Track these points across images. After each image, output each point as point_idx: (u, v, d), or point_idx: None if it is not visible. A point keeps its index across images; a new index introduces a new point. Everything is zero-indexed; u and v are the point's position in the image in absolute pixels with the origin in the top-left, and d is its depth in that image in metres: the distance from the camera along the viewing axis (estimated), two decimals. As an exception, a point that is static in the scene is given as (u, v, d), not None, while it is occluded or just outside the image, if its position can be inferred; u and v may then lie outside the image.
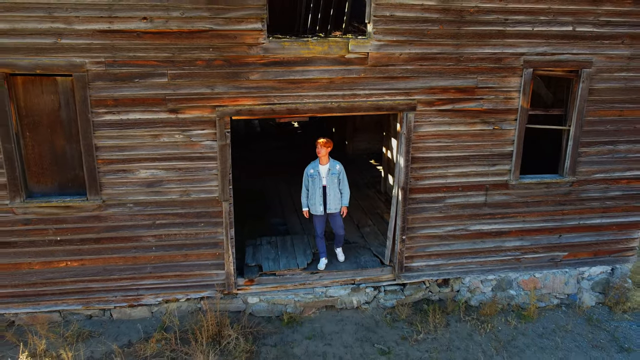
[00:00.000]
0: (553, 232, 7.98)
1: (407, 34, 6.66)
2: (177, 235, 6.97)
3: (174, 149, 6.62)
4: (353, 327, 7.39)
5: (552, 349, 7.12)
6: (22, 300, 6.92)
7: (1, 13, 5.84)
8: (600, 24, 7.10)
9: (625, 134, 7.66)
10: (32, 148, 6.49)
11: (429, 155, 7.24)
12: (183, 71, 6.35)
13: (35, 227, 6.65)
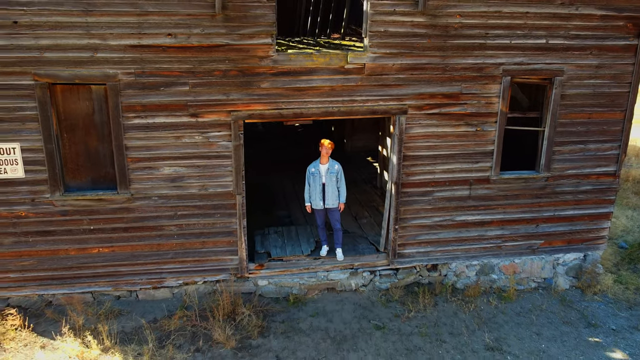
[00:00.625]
0: (530, 222, 8.91)
1: (399, 47, 7.56)
2: (196, 224, 7.88)
3: (194, 149, 7.52)
4: (351, 307, 8.31)
5: (528, 325, 8.06)
6: (59, 282, 7.83)
7: (46, 31, 6.72)
8: (570, 37, 8.01)
9: (594, 134, 8.58)
10: (69, 148, 7.38)
11: (419, 154, 8.16)
12: (202, 80, 7.25)
13: (72, 218, 7.56)
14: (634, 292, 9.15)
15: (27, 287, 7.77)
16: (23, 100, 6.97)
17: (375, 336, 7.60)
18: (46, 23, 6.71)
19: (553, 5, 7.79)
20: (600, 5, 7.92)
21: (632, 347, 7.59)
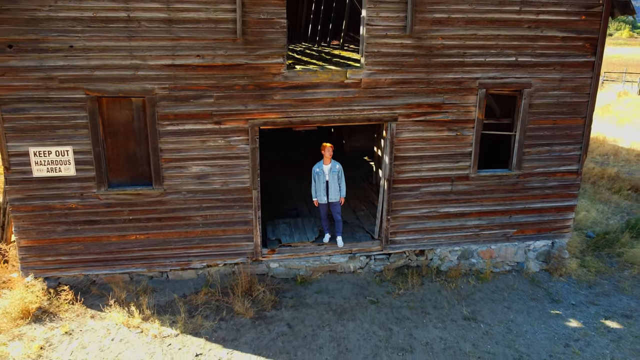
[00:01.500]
0: (505, 213, 10.31)
1: (390, 65, 8.96)
2: (218, 215, 9.26)
3: (217, 151, 8.90)
4: (350, 286, 9.71)
5: (500, 301, 9.47)
6: (102, 264, 9.21)
7: (96, 53, 8.10)
8: (536, 55, 9.41)
9: (558, 137, 9.98)
10: (112, 150, 8.76)
11: (408, 155, 9.55)
12: (225, 94, 8.63)
13: (114, 209, 8.94)
14: (595, 274, 10.56)
15: (75, 269, 9.16)
16: (76, 111, 8.34)
17: (370, 309, 9.00)
18: (96, 47, 8.08)
19: (521, 28, 9.19)
20: (562, 28, 9.32)
21: (586, 318, 9.00)
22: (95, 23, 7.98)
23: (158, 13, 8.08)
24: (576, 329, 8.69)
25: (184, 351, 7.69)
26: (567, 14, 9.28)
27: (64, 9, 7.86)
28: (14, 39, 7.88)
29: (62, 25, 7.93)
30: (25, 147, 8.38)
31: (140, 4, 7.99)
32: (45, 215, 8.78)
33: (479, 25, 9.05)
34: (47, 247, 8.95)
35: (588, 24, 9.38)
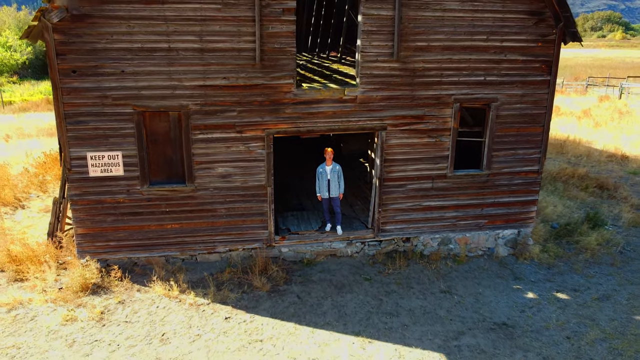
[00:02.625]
0: (477, 207, 12.29)
1: (380, 84, 10.92)
2: (238, 208, 11.20)
3: (238, 155, 10.85)
4: (348, 267, 11.67)
5: (472, 278, 11.44)
6: (143, 248, 11.14)
7: (143, 76, 10.04)
8: (502, 75, 11.39)
9: (521, 143, 11.96)
10: (153, 154, 10.69)
11: (395, 158, 11.51)
12: (245, 108, 10.58)
13: (154, 203, 10.87)
14: (554, 258, 12.54)
15: (121, 252, 11.09)
16: (125, 123, 10.27)
17: (365, 284, 10.96)
18: (143, 71, 10.02)
19: (488, 53, 11.17)
20: (522, 53, 11.30)
21: (541, 291, 10.98)
22: (142, 52, 9.92)
23: (193, 44, 10.02)
24: (532, 299, 10.67)
25: (215, 315, 9.64)
26: (527, 41, 11.27)
27: (118, 41, 9.80)
28: (77, 66, 9.81)
29: (116, 54, 9.86)
30: (83, 152, 10.31)
31: (179, 37, 9.93)
32: (98, 208, 10.71)
33: (454, 51, 11.01)
34: (99, 234, 10.89)
35: (544, 49, 11.37)
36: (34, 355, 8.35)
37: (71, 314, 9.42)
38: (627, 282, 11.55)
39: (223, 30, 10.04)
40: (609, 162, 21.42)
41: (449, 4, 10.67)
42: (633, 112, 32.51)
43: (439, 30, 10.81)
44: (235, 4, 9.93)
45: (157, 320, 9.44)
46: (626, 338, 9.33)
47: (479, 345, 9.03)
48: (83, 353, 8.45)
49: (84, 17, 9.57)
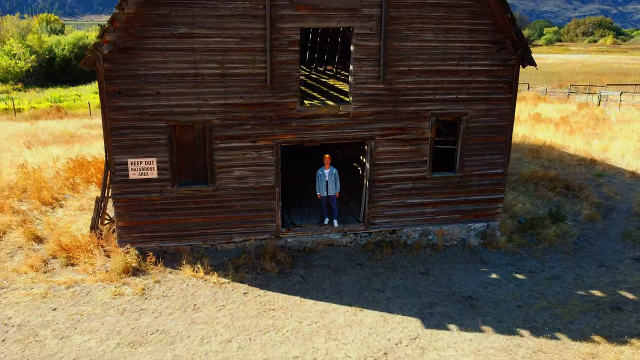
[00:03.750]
0: (452, 204, 14.55)
1: (369, 102, 13.19)
2: (252, 205, 13.43)
3: (252, 160, 13.08)
4: (343, 254, 13.90)
5: (447, 263, 13.69)
6: (172, 239, 13.34)
7: (174, 97, 12.27)
8: (471, 93, 13.68)
9: (488, 150, 14.24)
10: (181, 160, 12.90)
11: (382, 162, 13.77)
12: (258, 122, 12.82)
13: (182, 200, 13.08)
14: (518, 247, 14.81)
15: (154, 242, 13.29)
16: (159, 135, 12.50)
17: (357, 268, 13.21)
18: (174, 92, 12.26)
19: (459, 76, 13.46)
20: (487, 75, 13.60)
21: (503, 273, 13.26)
22: (175, 77, 12.17)
23: (215, 70, 12.27)
24: (495, 279, 12.94)
25: (235, 291, 11.86)
26: (491, 65, 13.57)
27: (154, 68, 12.04)
28: (121, 88, 12.04)
29: (153, 79, 12.10)
30: (125, 159, 12.53)
31: (204, 65, 12.18)
32: (136, 204, 12.92)
33: (430, 74, 13.30)
34: (136, 226, 13.09)
35: (505, 72, 13.68)
36: (94, 320, 10.56)
37: (118, 290, 11.64)
38: (575, 265, 13.84)
39: (240, 59, 12.30)
40: (579, 165, 23.73)
41: (425, 35, 12.97)
42: (609, 118, 34.92)
43: (417, 57, 13.10)
44: (251, 37, 12.19)
45: (188, 294, 11.66)
46: (566, 307, 11.61)
47: (448, 313, 11.29)
48: (133, 318, 10.66)
49: (128, 49, 11.81)
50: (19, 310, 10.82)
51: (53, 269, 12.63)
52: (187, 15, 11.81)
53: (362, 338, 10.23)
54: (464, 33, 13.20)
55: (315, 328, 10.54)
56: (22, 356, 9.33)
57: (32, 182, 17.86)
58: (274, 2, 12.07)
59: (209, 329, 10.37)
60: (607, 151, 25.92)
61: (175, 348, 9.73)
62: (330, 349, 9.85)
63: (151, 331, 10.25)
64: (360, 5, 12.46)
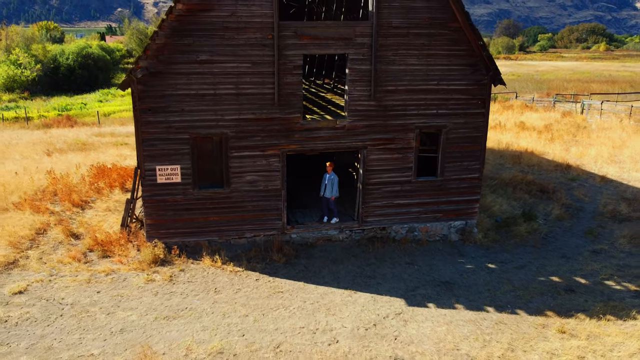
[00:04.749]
0: (435, 204, 16.74)
1: (362, 116, 15.39)
2: (261, 205, 15.58)
3: (261, 167, 15.24)
4: (340, 248, 16.06)
5: (429, 255, 15.85)
6: (193, 234, 15.48)
7: (196, 113, 14.45)
8: (450, 108, 15.89)
9: (465, 157, 16.45)
10: (201, 167, 15.06)
11: (374, 169, 15.96)
12: (267, 134, 15.00)
13: (201, 201, 15.23)
14: (492, 242, 16.98)
15: (177, 237, 15.42)
16: (183, 145, 14.66)
17: (352, 259, 15.37)
18: (196, 109, 14.43)
19: (439, 93, 15.68)
20: (464, 92, 15.82)
21: (477, 263, 15.44)
22: (197, 96, 14.34)
23: (231, 90, 14.45)
24: (470, 268, 15.12)
25: (248, 277, 14.00)
26: (467, 84, 15.79)
27: (180, 89, 14.21)
28: (152, 106, 14.21)
29: (178, 98, 14.28)
30: (154, 166, 14.68)
31: (222, 86, 14.36)
32: (162, 205, 15.06)
33: (414, 92, 15.51)
34: (161, 224, 15.23)
35: (479, 90, 15.90)
36: (133, 300, 12.69)
37: (150, 277, 13.77)
38: (541, 257, 16.04)
39: (252, 81, 14.49)
40: (555, 170, 25.94)
41: (410, 60, 15.19)
42: (589, 126, 37.22)
43: (403, 78, 15.32)
44: (261, 63, 14.39)
45: (209, 280, 13.80)
46: (527, 290, 13.80)
47: (427, 294, 13.46)
48: (165, 299, 12.80)
49: (158, 73, 14.00)
50: (69, 292, 12.95)
51: (92, 260, 14.75)
52: (207, 44, 14.01)
53: (355, 313, 12.38)
54: (443, 57, 15.42)
55: (316, 306, 12.69)
56: (79, 327, 11.45)
57: (62, 187, 19.99)
58: (281, 33, 14.29)
59: (228, 307, 12.51)
60: (582, 157, 28.17)
61: (203, 321, 11.87)
62: (330, 321, 11.99)
63: (181, 308, 12.38)
64: (354, 35, 14.69)
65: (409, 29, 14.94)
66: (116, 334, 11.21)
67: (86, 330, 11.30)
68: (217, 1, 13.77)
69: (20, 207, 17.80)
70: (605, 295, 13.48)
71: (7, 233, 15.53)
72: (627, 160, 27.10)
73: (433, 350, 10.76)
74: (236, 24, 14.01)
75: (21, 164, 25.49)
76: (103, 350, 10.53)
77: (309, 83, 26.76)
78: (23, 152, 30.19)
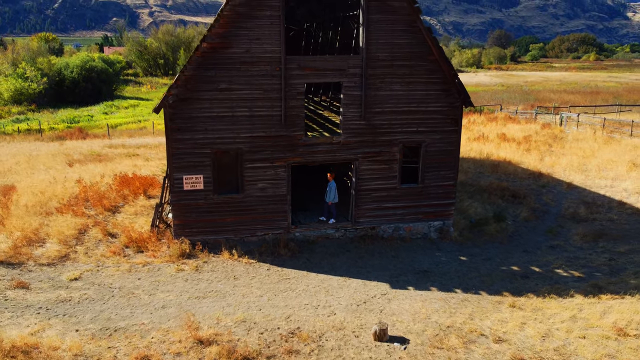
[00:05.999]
0: (416, 207, 19.74)
1: (354, 134, 18.41)
2: (270, 208, 18.53)
3: (270, 176, 18.22)
4: (336, 244, 19.02)
5: (412, 250, 18.81)
6: (212, 233, 18.40)
7: (217, 131, 17.43)
8: (428, 127, 18.95)
9: (442, 167, 19.48)
10: (220, 176, 18.02)
11: (365, 177, 18.96)
12: (275, 149, 18.00)
13: (220, 205, 18.18)
14: (466, 239, 19.98)
15: (199, 235, 18.33)
16: (205, 158, 17.62)
17: (347, 254, 18.32)
18: (217, 128, 17.42)
19: (419, 114, 18.73)
20: (440, 113, 18.88)
21: (451, 256, 18.42)
22: (217, 118, 17.34)
23: (245, 113, 17.46)
24: (444, 260, 18.11)
25: (261, 268, 16.93)
26: (442, 106, 18.85)
27: (204, 112, 17.21)
28: (180, 126, 17.20)
29: (202, 119, 17.27)
30: (181, 175, 17.64)
31: (238, 109, 17.36)
32: (187, 208, 17.99)
33: (398, 113, 18.56)
34: (187, 224, 18.16)
35: (453, 111, 18.97)
36: (168, 284, 15.59)
37: (180, 267, 16.69)
38: (506, 251, 19.05)
39: (263, 105, 17.51)
40: (529, 178, 29.00)
41: (394, 86, 18.26)
42: (566, 137, 40.38)
43: (388, 101, 18.37)
44: (270, 90, 17.42)
45: (228, 270, 16.72)
46: (491, 276, 16.78)
47: (408, 280, 16.43)
48: (194, 283, 15.71)
49: (186, 99, 17.01)
50: (115, 279, 15.85)
51: (129, 254, 17.66)
52: (226, 75, 17.03)
53: (349, 294, 15.33)
54: (421, 84, 18.49)
55: (318, 289, 15.64)
56: (128, 304, 14.35)
57: (92, 194, 22.90)
58: (287, 66, 17.33)
59: (246, 289, 15.44)
60: (554, 166, 31.26)
61: (227, 300, 14.79)
62: (329, 300, 14.93)
63: (208, 291, 15.30)
64: (348, 67, 17.76)
65: (393, 61, 18.01)
66: (159, 309, 14.11)
67: (135, 307, 14.20)
68: (235, 40, 16.81)
69: (61, 211, 20.70)
70: (553, 280, 16.49)
71: (56, 232, 18.44)
72: (593, 169, 30.19)
73: (410, 319, 13.71)
74: (250, 58, 17.05)
75: (49, 174, 28.37)
76: (151, 320, 13.43)
77: (308, 100, 29.81)
78: (45, 162, 33.05)
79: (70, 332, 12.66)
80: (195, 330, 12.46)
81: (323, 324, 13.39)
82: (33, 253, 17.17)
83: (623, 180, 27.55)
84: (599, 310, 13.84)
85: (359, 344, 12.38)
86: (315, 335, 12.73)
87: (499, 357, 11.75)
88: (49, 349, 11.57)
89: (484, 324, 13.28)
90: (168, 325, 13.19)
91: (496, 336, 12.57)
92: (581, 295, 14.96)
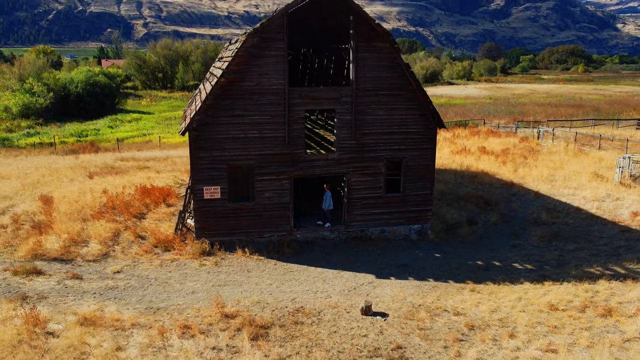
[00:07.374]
0: (399, 212, 23.33)
1: (346, 151, 22.04)
2: (275, 213, 22.07)
3: (276, 187, 21.79)
4: (332, 244, 22.55)
5: (395, 249, 22.39)
6: (227, 234, 21.90)
7: (232, 150, 21.02)
8: (408, 145, 22.61)
9: (420, 179, 23.11)
10: (234, 187, 21.56)
11: (355, 187, 22.56)
12: (280, 164, 21.59)
13: (234, 211, 21.71)
14: (441, 240, 23.56)
15: (217, 236, 21.83)
16: (222, 172, 21.17)
17: (340, 252, 21.87)
18: (232, 147, 21.00)
19: (400, 134, 22.38)
20: (418, 133, 22.54)
21: (427, 253, 21.99)
22: (232, 139, 20.92)
23: (256, 134, 21.05)
24: (421, 255, 21.69)
25: (269, 264, 20.45)
26: (419, 128, 22.52)
27: (221, 134, 20.78)
28: (202, 146, 20.77)
29: (220, 140, 20.84)
30: (202, 186, 21.17)
31: (250, 132, 20.96)
32: (207, 213, 21.51)
33: (383, 134, 22.20)
34: (206, 227, 21.67)
35: (428, 132, 22.64)
36: (194, 276, 19.08)
37: (202, 262, 20.19)
38: (474, 250, 22.66)
39: (270, 128, 21.13)
40: (502, 187, 32.67)
41: (379, 112, 21.92)
42: (541, 150, 44.15)
43: (374, 124, 22.02)
44: (276, 115, 21.05)
45: (242, 265, 20.23)
46: (459, 269, 20.37)
47: (390, 272, 19.99)
48: (215, 275, 19.21)
49: (207, 123, 20.61)
50: (150, 272, 19.33)
51: (158, 253, 21.15)
52: (241, 104, 20.66)
53: (342, 283, 18.87)
54: (402, 109, 22.17)
55: (316, 279, 19.17)
56: (164, 290, 17.83)
57: (119, 203, 26.38)
58: (290, 96, 20.99)
59: (258, 279, 18.96)
60: (526, 177, 34.95)
61: (243, 287, 18.29)
62: (325, 287, 18.46)
63: (227, 280, 18.81)
64: (340, 96, 21.45)
65: (377, 91, 21.70)
66: (190, 294, 17.60)
67: (170, 292, 17.69)
68: (248, 75, 20.46)
69: (96, 217, 24.17)
70: (509, 271, 20.10)
71: (95, 234, 21.92)
72: (560, 179, 33.90)
73: (390, 300, 17.26)
74: (260, 89, 20.69)
75: (75, 185, 31.82)
76: (185, 302, 16.91)
77: (305, 118, 33.42)
78: (67, 175, 36.43)
79: (123, 310, 16.14)
80: (222, 307, 15.96)
81: (321, 304, 16.91)
82: (80, 251, 20.65)
83: (584, 190, 31.26)
84: (540, 293, 17.45)
85: (350, 317, 15.92)
86: (315, 312, 16.25)
87: (456, 325, 15.32)
88: (112, 320, 15.05)
89: (448, 303, 16.86)
90: (199, 305, 16.68)
91: (456, 311, 16.15)
92: (529, 282, 18.59)
